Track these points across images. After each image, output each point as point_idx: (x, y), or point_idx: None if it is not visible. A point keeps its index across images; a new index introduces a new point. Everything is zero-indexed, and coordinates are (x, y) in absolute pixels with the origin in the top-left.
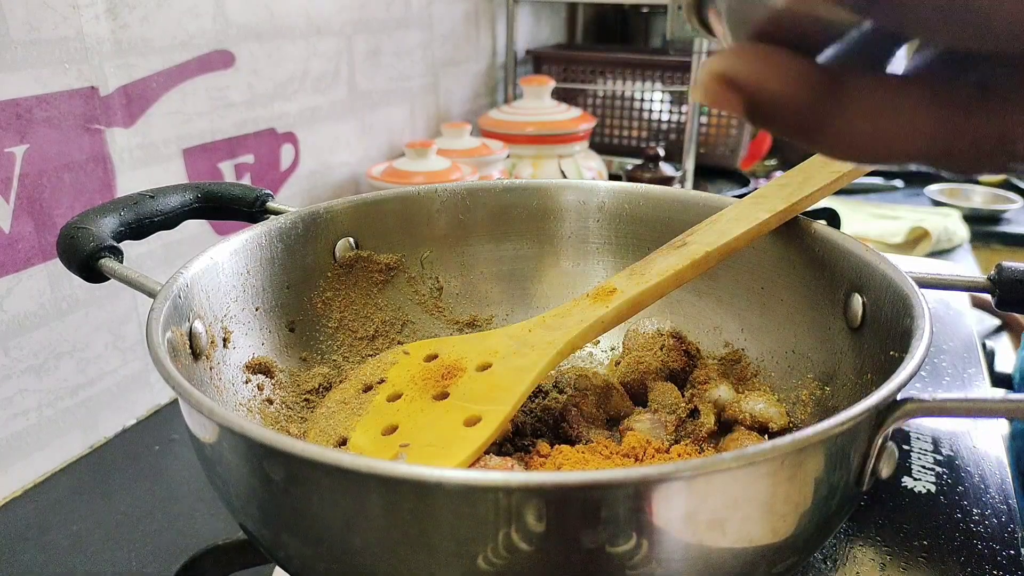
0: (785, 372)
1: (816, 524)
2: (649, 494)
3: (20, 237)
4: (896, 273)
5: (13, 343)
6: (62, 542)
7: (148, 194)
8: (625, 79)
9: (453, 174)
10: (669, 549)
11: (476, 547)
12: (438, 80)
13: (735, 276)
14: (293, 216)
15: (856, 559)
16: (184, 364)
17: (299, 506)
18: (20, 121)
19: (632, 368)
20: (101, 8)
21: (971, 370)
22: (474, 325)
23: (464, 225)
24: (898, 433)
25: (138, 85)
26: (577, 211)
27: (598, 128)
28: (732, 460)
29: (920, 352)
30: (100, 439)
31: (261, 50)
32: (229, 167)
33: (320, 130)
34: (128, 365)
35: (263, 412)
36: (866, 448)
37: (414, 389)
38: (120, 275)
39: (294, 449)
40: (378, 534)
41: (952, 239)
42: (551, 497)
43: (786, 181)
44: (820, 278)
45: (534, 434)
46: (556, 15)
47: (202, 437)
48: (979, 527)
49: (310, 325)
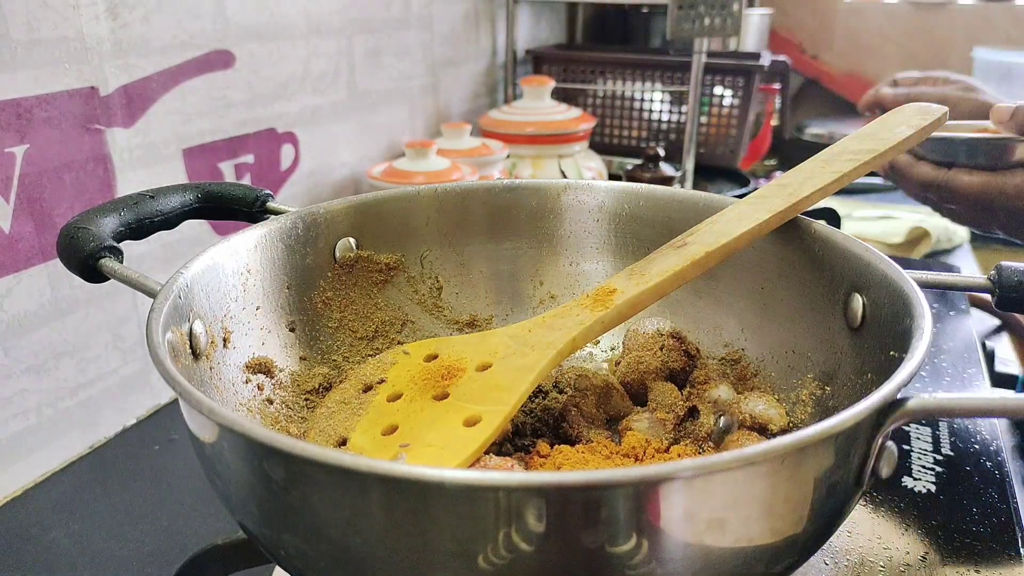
0: (785, 372)
1: (816, 524)
2: (649, 494)
3: (20, 237)
4: (896, 273)
5: (13, 343)
6: (62, 542)
7: (148, 194)
8: (625, 79)
9: (453, 174)
10: (669, 549)
11: (476, 547)
12: (438, 80)
13: (735, 276)
14: (293, 216)
15: (856, 559)
16: (184, 364)
17: (299, 506)
18: (20, 121)
19: (632, 368)
20: (101, 8)
21: (971, 370)
22: (474, 325)
23: (464, 225)
24: (898, 433)
25: (138, 85)
26: (577, 211)
27: (598, 128)
28: (732, 460)
29: (920, 352)
30: (100, 439)
31: (261, 50)
32: (229, 167)
33: (320, 130)
34: (128, 365)
35: (263, 412)
36: (866, 448)
37: (414, 389)
38: (120, 275)
39: (294, 449)
40: (378, 534)
41: (952, 239)
42: (551, 497)
43: (786, 181)
44: (820, 278)
45: (534, 434)
46: (556, 15)
47: (202, 437)
48: (979, 527)
49: (310, 325)
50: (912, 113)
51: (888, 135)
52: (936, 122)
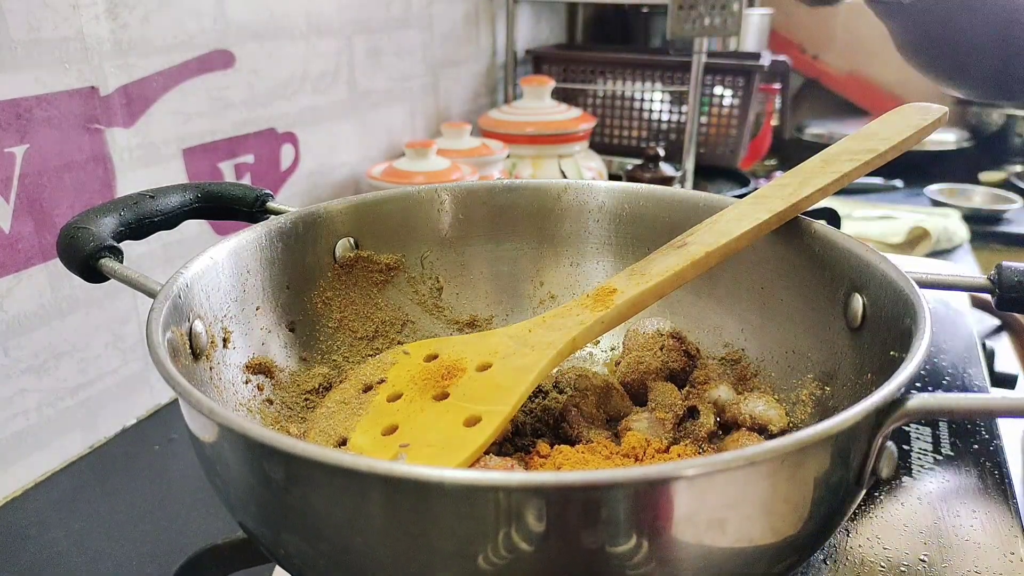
0: (785, 372)
1: (816, 524)
2: (649, 494)
3: (20, 237)
4: (896, 273)
5: (13, 343)
6: (62, 542)
7: (148, 194)
8: (625, 79)
9: (453, 174)
10: (669, 549)
11: (476, 547)
12: (438, 80)
13: (735, 276)
14: (293, 216)
15: (856, 559)
16: (184, 364)
17: (299, 506)
18: (20, 121)
19: (632, 368)
20: (101, 8)
21: (971, 370)
22: (474, 325)
23: (464, 225)
24: (898, 433)
25: (138, 85)
26: (577, 211)
27: (598, 128)
28: (732, 460)
29: (920, 352)
30: (100, 439)
31: (261, 50)
32: (229, 167)
33: (320, 130)
34: (128, 365)
35: (263, 412)
36: (866, 448)
37: (414, 389)
38: (120, 275)
39: (294, 449)
40: (378, 534)
41: (952, 239)
42: (551, 497)
43: (786, 181)
44: (820, 278)
45: (534, 434)
46: (556, 15)
47: (202, 437)
48: (979, 527)
49: (310, 325)
50: (912, 113)
51: (888, 135)
52: (936, 122)
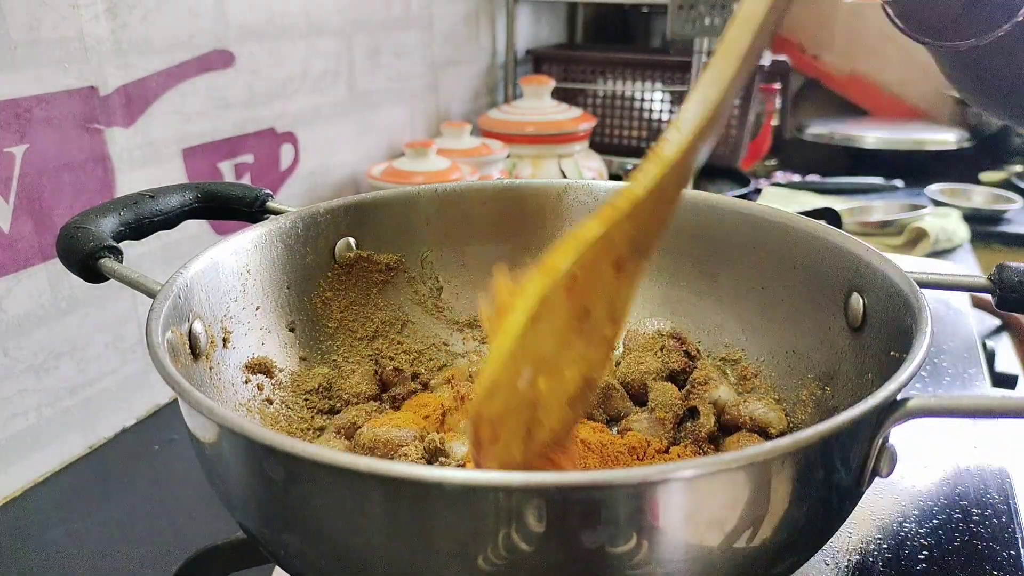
0: (785, 372)
1: (817, 524)
2: (649, 494)
3: (20, 237)
4: (896, 273)
5: (13, 343)
6: (62, 542)
7: (148, 194)
8: (625, 79)
9: (453, 174)
10: (669, 549)
11: (476, 547)
12: (438, 80)
13: (735, 276)
14: (293, 216)
15: (856, 559)
16: (184, 364)
17: (299, 506)
18: (20, 121)
19: (632, 368)
20: (101, 8)
21: (971, 370)
22: (474, 325)
23: (464, 225)
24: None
25: (138, 85)
26: (577, 211)
27: (598, 128)
28: (732, 460)
29: (921, 352)
30: (100, 439)
31: (261, 50)
32: (229, 167)
33: (320, 130)
34: (128, 365)
35: (263, 412)
36: (866, 448)
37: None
38: (120, 275)
39: (294, 449)
40: (378, 534)
41: (952, 239)
42: (551, 497)
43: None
44: (820, 278)
45: None
46: (556, 15)
47: (202, 437)
48: (979, 527)
49: (310, 325)
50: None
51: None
52: None
